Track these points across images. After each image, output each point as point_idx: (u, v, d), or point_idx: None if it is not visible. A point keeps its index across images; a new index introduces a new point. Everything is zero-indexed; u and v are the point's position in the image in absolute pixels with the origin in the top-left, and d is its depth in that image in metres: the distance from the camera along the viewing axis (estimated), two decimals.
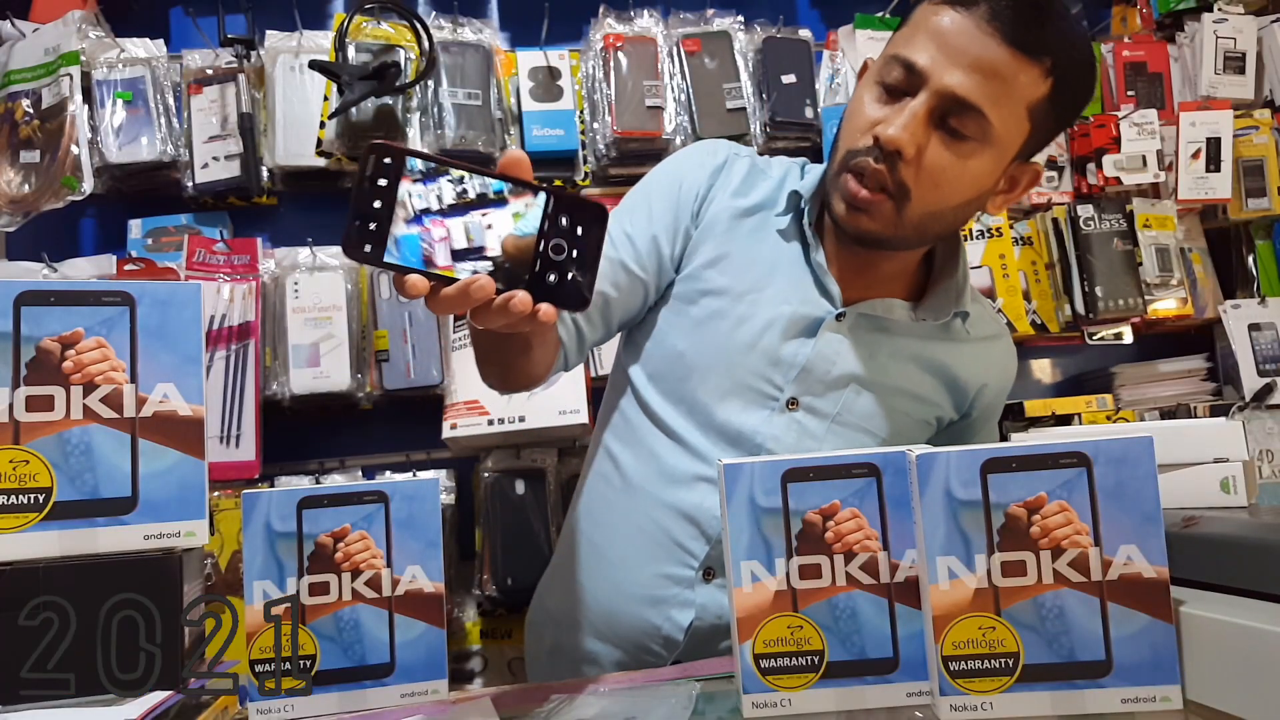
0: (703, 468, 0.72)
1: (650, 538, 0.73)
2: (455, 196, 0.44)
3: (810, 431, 0.72)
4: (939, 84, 0.60)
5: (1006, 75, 0.60)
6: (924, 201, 0.63)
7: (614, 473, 0.77)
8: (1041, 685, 0.46)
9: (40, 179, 1.20)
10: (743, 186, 0.76)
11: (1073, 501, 0.47)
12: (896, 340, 0.73)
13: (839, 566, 0.50)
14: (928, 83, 0.61)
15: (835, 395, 0.72)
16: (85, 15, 1.25)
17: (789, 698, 0.49)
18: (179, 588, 0.49)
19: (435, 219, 0.43)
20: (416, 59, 1.27)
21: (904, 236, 0.67)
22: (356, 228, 0.42)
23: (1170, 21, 1.54)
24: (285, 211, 1.36)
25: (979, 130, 0.61)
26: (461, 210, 0.44)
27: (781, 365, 0.71)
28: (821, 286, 0.72)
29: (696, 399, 0.72)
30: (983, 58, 0.59)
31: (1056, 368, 1.60)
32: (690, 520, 0.72)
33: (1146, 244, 1.47)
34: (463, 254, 0.44)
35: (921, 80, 0.61)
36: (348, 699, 0.53)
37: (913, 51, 0.62)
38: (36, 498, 0.49)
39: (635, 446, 0.76)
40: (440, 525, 0.55)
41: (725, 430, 0.72)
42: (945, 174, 0.63)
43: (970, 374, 0.76)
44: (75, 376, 0.50)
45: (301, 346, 1.21)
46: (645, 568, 0.73)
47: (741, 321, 0.72)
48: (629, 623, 0.73)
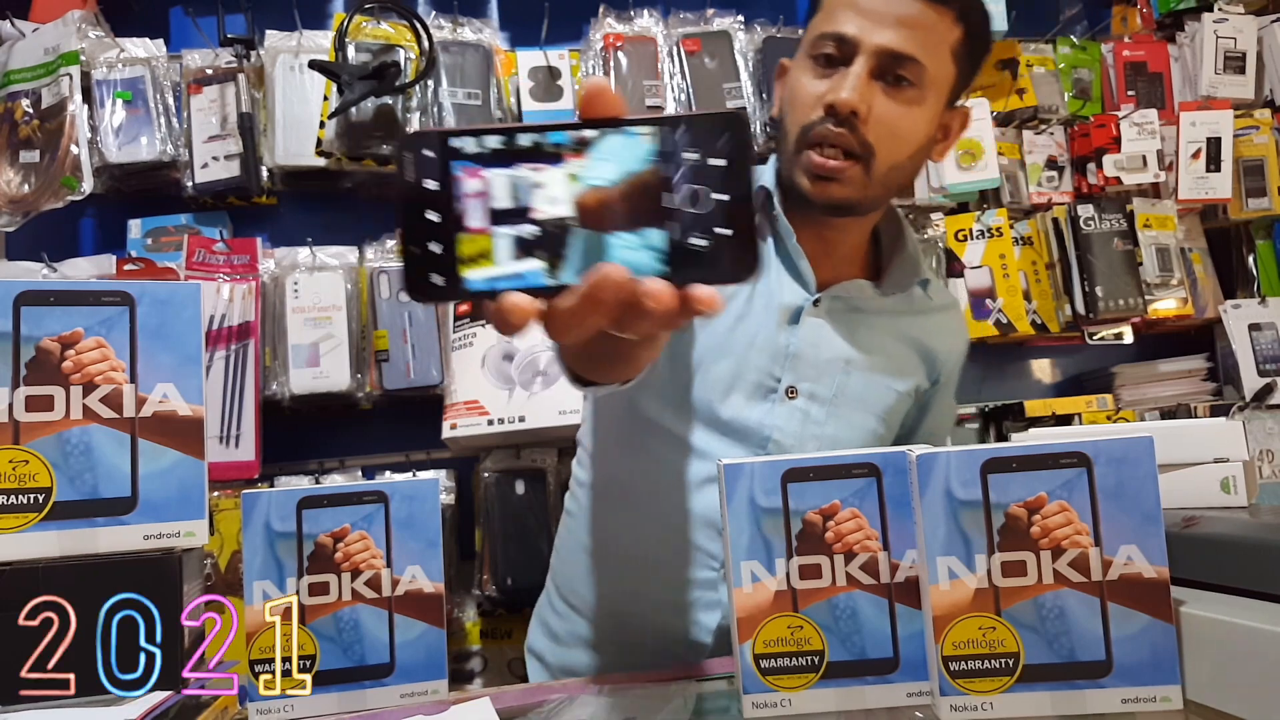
0: (714, 469, 0.72)
1: (670, 546, 0.73)
2: (529, 170, 0.31)
3: (813, 417, 0.73)
4: (872, 44, 0.65)
5: (927, 25, 0.66)
6: (887, 155, 0.67)
7: (615, 486, 0.77)
8: (1042, 685, 0.46)
9: (40, 179, 1.20)
10: None
11: (1073, 501, 0.47)
12: (870, 319, 0.75)
13: (839, 566, 0.49)
14: (861, 47, 0.66)
15: (829, 379, 0.73)
16: (85, 15, 1.24)
17: (789, 698, 0.49)
18: (179, 588, 0.49)
19: (511, 204, 0.31)
20: (416, 59, 1.27)
21: (874, 196, 0.69)
22: (416, 258, 0.31)
23: (1170, 21, 1.54)
24: (285, 211, 1.36)
25: (918, 77, 0.66)
26: (539, 185, 0.31)
27: (776, 355, 0.72)
28: (796, 273, 0.74)
29: (699, 400, 0.73)
30: (903, 14, 0.65)
31: (1057, 368, 1.60)
32: (708, 523, 0.72)
33: (1147, 244, 1.47)
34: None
35: (854, 47, 0.66)
36: (347, 699, 0.53)
37: (838, 25, 0.67)
38: (36, 498, 0.49)
39: (636, 456, 0.75)
40: (440, 525, 0.55)
41: (732, 426, 0.72)
42: (899, 124, 0.67)
43: (938, 342, 0.78)
44: (75, 376, 0.50)
45: (301, 346, 1.21)
46: (668, 576, 0.73)
47: (739, 319, 0.72)
48: (654, 634, 0.73)
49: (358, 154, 1.24)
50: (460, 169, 0.31)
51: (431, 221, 0.31)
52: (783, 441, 0.71)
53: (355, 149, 1.23)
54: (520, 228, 0.31)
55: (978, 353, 1.54)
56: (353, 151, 1.23)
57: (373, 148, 1.23)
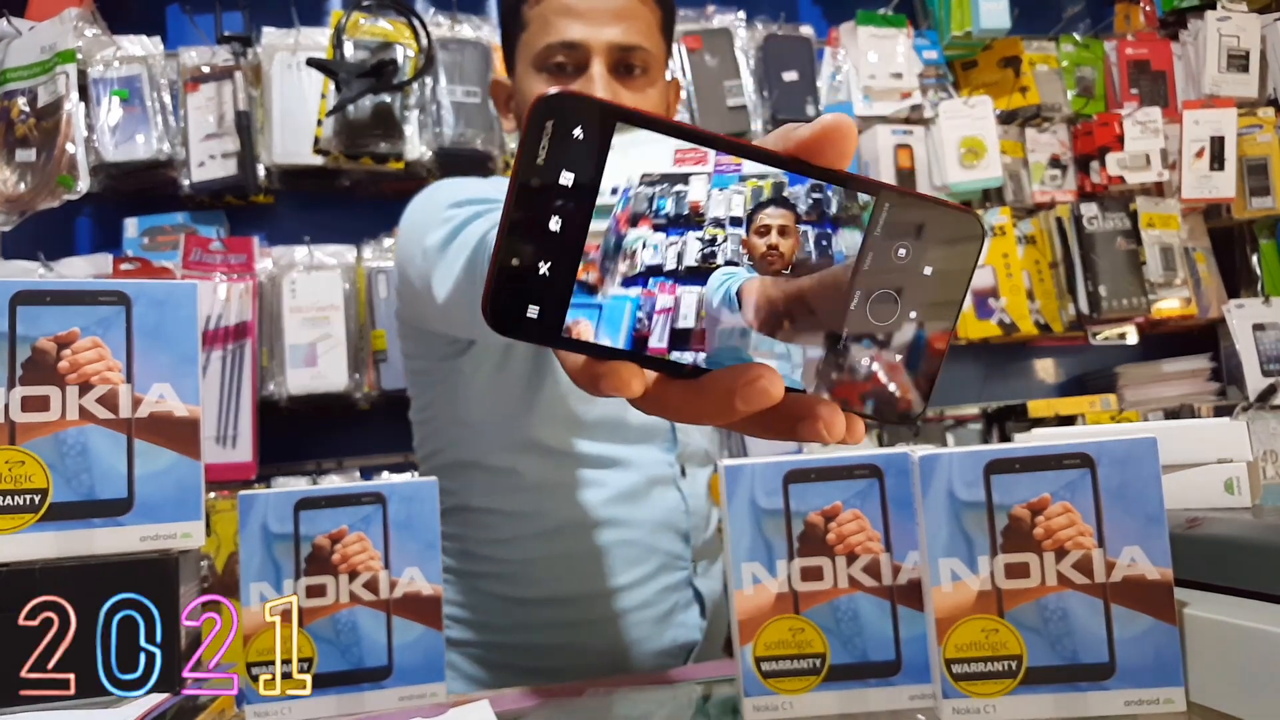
0: (647, 471, 0.73)
1: (634, 562, 0.72)
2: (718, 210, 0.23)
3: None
4: (603, 44, 0.69)
5: (637, 12, 0.70)
6: None
7: (540, 529, 0.73)
8: (1045, 688, 0.46)
9: (36, 178, 1.19)
10: None
11: (1076, 502, 0.46)
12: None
13: (841, 568, 0.49)
14: (593, 49, 0.69)
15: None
16: (81, 13, 1.24)
17: (790, 701, 0.49)
18: (175, 589, 0.49)
19: (663, 265, 0.24)
20: (414, 56, 1.27)
21: None
22: (514, 271, 0.22)
23: (1174, 19, 1.54)
24: (282, 210, 1.36)
25: (646, 62, 0.71)
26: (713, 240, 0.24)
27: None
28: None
29: (593, 416, 0.72)
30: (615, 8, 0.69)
31: (1060, 368, 1.59)
32: (666, 526, 0.72)
33: (1150, 243, 1.46)
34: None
35: (585, 51, 0.69)
36: (345, 702, 0.52)
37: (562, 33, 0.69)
38: (32, 499, 0.48)
39: (553, 494, 0.72)
40: (439, 526, 0.54)
41: (642, 425, 0.72)
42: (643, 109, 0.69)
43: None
44: (71, 376, 0.49)
45: (299, 346, 1.21)
46: (642, 594, 0.72)
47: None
48: (640, 651, 0.72)
49: (355, 152, 1.23)
50: (620, 172, 0.23)
51: (551, 232, 0.22)
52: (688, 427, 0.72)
53: (353, 147, 1.23)
54: (663, 293, 0.23)
55: (981, 353, 1.55)
56: (350, 150, 1.23)
57: (370, 146, 1.23)
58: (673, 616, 0.72)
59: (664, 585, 0.72)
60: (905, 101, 1.41)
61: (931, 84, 1.45)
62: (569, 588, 0.73)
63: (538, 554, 0.73)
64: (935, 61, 1.45)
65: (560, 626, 0.73)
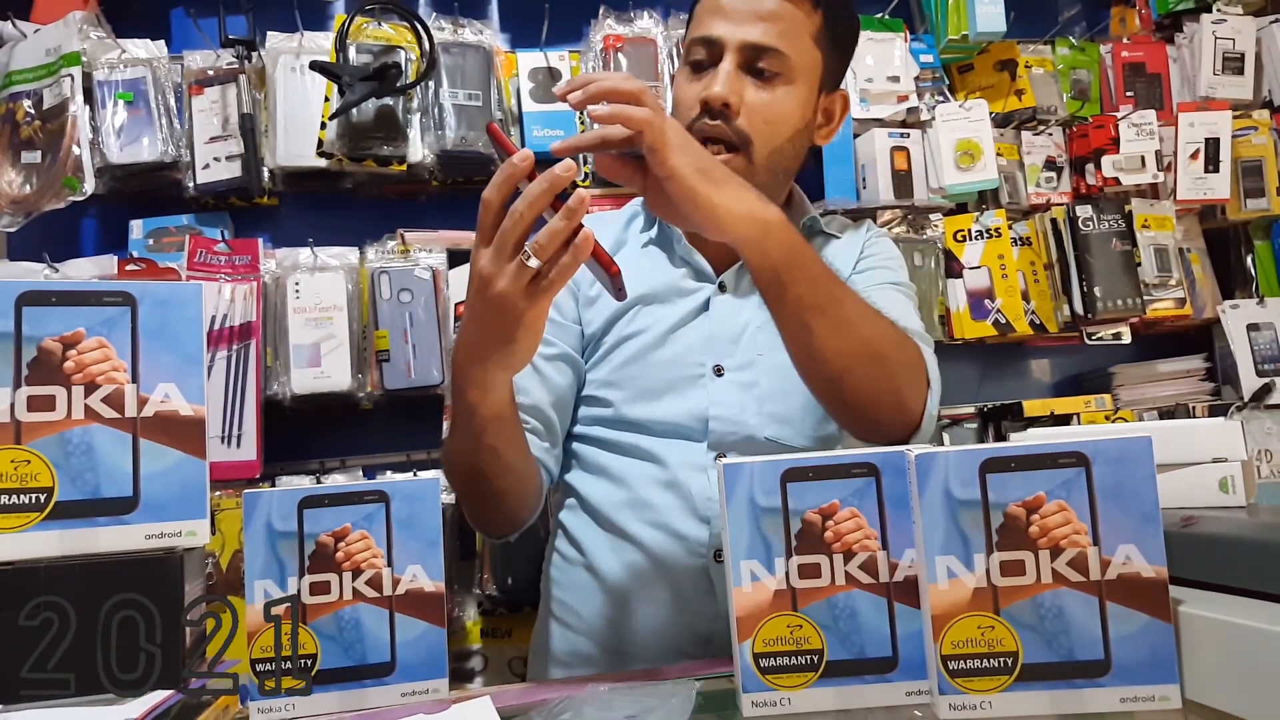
0: (672, 467, 0.75)
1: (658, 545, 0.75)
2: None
3: (744, 383, 0.76)
4: (736, 41, 0.72)
5: (785, 15, 0.72)
6: (763, 140, 0.73)
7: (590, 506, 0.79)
8: (1040, 684, 0.46)
9: (41, 179, 1.20)
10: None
11: (1071, 501, 0.47)
12: None
13: (838, 566, 0.50)
14: (727, 45, 0.72)
15: (746, 344, 0.77)
16: (86, 16, 1.25)
17: (788, 696, 0.49)
18: (180, 587, 0.49)
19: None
20: (417, 60, 1.27)
21: (761, 183, 0.71)
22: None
23: (1169, 22, 1.54)
24: (286, 212, 1.36)
25: (782, 65, 0.72)
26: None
27: (694, 347, 0.77)
28: (696, 269, 0.79)
29: (638, 412, 0.76)
30: (760, 9, 0.72)
31: (1055, 368, 1.60)
32: (690, 513, 0.74)
33: (1145, 244, 1.47)
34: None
35: (721, 47, 0.72)
36: (348, 698, 0.53)
37: (705, 30, 0.73)
38: (38, 497, 0.49)
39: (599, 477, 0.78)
40: (441, 525, 0.55)
41: (677, 421, 0.75)
42: (770, 110, 0.73)
43: (842, 261, 0.81)
44: (76, 376, 0.50)
45: (302, 346, 1.21)
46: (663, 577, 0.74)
47: (657, 339, 0.77)
48: (672, 637, 0.74)
49: (359, 155, 1.24)
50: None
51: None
52: (720, 417, 0.75)
53: (356, 150, 1.23)
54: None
55: (976, 353, 1.55)
56: (354, 152, 1.24)
57: (374, 148, 1.24)
58: (692, 604, 0.74)
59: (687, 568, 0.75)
60: (902, 105, 1.42)
61: (928, 87, 1.46)
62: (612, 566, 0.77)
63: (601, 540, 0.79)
64: (932, 65, 1.46)
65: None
